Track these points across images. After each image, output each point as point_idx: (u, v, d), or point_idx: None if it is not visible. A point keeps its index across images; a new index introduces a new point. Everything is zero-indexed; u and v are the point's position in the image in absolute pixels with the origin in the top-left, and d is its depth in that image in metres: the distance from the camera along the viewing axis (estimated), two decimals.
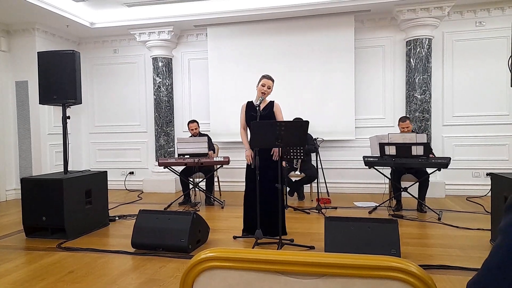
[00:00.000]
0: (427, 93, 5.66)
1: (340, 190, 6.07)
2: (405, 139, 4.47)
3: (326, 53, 6.04)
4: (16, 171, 6.29)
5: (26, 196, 3.89)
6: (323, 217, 3.85)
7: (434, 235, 3.76)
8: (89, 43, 7.16)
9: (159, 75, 6.64)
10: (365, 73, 6.10)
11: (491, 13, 5.67)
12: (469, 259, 3.04)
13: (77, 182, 3.99)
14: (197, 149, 5.22)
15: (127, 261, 3.18)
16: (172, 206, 5.19)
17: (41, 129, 6.23)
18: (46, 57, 4.08)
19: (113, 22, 6.33)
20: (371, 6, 5.62)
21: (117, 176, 7.03)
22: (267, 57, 6.19)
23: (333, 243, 3.00)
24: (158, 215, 3.50)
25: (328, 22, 5.99)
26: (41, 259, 3.23)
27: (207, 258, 0.88)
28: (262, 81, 3.71)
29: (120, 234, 4.00)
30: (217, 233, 3.93)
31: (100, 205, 4.33)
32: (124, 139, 7.12)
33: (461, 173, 5.80)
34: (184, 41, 6.80)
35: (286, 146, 4.45)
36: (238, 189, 6.20)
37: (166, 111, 6.68)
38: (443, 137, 5.90)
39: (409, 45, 5.74)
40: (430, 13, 5.45)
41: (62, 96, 4.04)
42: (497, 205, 3.31)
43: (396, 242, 2.92)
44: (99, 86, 7.21)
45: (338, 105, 6.02)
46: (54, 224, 3.82)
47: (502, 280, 0.59)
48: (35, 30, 6.09)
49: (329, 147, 6.09)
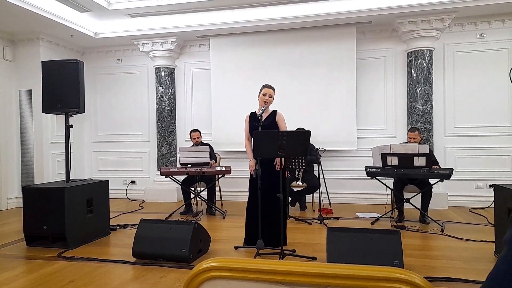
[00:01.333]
0: (428, 104, 5.66)
1: (342, 201, 6.04)
2: (407, 149, 4.46)
3: (328, 64, 6.07)
4: (18, 180, 6.30)
5: (27, 204, 3.88)
6: (325, 228, 3.83)
7: (437, 247, 3.73)
8: (92, 53, 7.23)
9: (161, 85, 6.68)
10: (367, 83, 6.12)
11: (492, 25, 5.71)
12: (473, 271, 3.00)
13: (79, 191, 3.99)
14: (199, 158, 5.22)
15: (127, 270, 3.16)
16: (173, 216, 5.17)
17: (43, 137, 6.25)
18: (50, 66, 4.12)
19: (116, 33, 6.39)
20: (372, 18, 5.67)
21: (119, 185, 7.02)
22: (269, 68, 6.23)
23: (335, 254, 2.97)
24: (159, 224, 3.49)
25: (330, 33, 6.04)
26: (41, 268, 3.21)
27: (209, 268, 0.87)
28: (263, 91, 3.73)
29: (121, 244, 3.98)
30: (218, 243, 3.90)
31: (102, 214, 4.31)
32: (126, 148, 7.13)
33: (464, 184, 5.77)
34: (187, 51, 6.86)
35: (288, 156, 4.45)
36: (240, 198, 6.18)
37: (168, 120, 6.70)
38: (445, 148, 5.89)
39: (410, 56, 5.77)
40: (431, 25, 5.49)
41: (65, 105, 4.06)
42: (500, 216, 3.28)
43: (399, 253, 2.90)
44: (102, 95, 7.26)
45: (340, 115, 6.03)
46: (55, 233, 3.80)
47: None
48: (39, 40, 6.16)
49: (331, 157, 6.09)
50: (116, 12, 5.76)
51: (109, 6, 5.60)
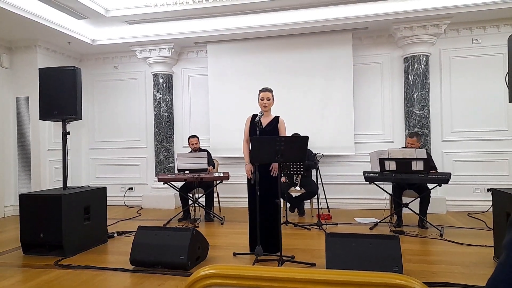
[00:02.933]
0: (425, 109, 5.69)
1: (341, 206, 6.03)
2: (405, 154, 4.47)
3: (325, 69, 6.10)
4: (15, 187, 6.26)
5: (24, 212, 3.85)
6: (324, 234, 3.81)
7: (436, 252, 3.72)
8: (90, 60, 7.23)
9: (159, 91, 6.68)
10: (364, 89, 6.15)
11: (487, 31, 5.76)
12: (473, 276, 2.99)
13: (76, 198, 3.96)
14: (196, 165, 5.20)
15: (125, 278, 3.13)
16: (171, 222, 5.14)
17: (41, 145, 6.23)
18: (48, 73, 4.11)
19: (114, 39, 6.41)
20: (368, 24, 5.71)
21: (117, 192, 6.99)
22: (267, 74, 6.25)
23: (334, 259, 2.96)
24: (157, 231, 3.47)
25: (327, 39, 6.07)
26: (38, 277, 3.18)
27: (207, 275, 0.87)
28: (261, 95, 3.74)
29: (118, 251, 3.95)
30: (216, 249, 3.88)
31: (99, 221, 4.28)
32: (124, 155, 7.11)
33: (462, 189, 5.78)
34: (185, 57, 6.88)
35: (286, 161, 4.44)
36: (238, 205, 6.16)
37: (166, 126, 6.70)
38: (443, 152, 5.90)
39: (406, 61, 5.81)
40: (427, 30, 5.53)
41: (63, 112, 4.05)
42: (499, 221, 3.28)
43: (398, 258, 2.88)
44: (99, 102, 7.25)
45: (337, 120, 6.04)
46: (52, 241, 3.77)
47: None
48: (36, 47, 6.16)
49: (329, 162, 6.09)
50: (114, 19, 5.78)
51: (106, 13, 5.62)
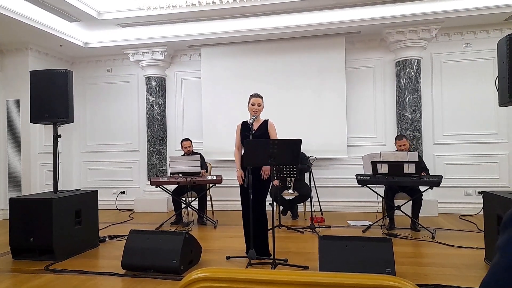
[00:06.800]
0: (417, 112, 5.74)
1: (334, 209, 6.04)
2: (397, 157, 4.50)
3: (318, 73, 6.13)
4: (5, 191, 6.16)
5: (14, 216, 3.80)
6: (317, 236, 3.81)
7: (428, 254, 3.74)
8: (82, 63, 7.18)
9: (152, 94, 6.65)
10: (357, 92, 6.19)
11: (477, 35, 5.84)
12: (464, 278, 3.01)
13: (67, 202, 3.92)
14: (189, 168, 5.18)
15: (116, 283, 3.10)
16: (163, 226, 5.11)
17: (31, 148, 6.15)
18: (39, 76, 4.08)
19: (106, 42, 6.37)
20: (360, 28, 5.76)
21: (108, 196, 6.92)
22: (260, 77, 6.26)
23: (327, 262, 2.96)
24: (149, 235, 3.44)
25: (320, 43, 6.10)
26: (28, 282, 3.13)
27: (199, 279, 0.86)
28: (251, 100, 3.74)
29: (110, 255, 3.91)
30: (209, 253, 3.86)
31: (90, 225, 4.24)
32: (116, 158, 7.06)
33: (453, 191, 5.83)
34: (178, 60, 6.86)
35: (279, 164, 4.45)
36: (231, 208, 6.14)
37: (158, 129, 6.66)
38: (434, 155, 5.95)
39: (398, 65, 5.86)
40: (418, 35, 5.59)
41: (54, 115, 4.01)
42: (490, 223, 3.31)
43: (390, 261, 2.90)
44: (92, 105, 7.20)
45: (330, 124, 6.07)
46: (42, 245, 3.72)
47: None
48: (28, 50, 6.10)
49: (322, 165, 6.10)
50: (106, 22, 5.75)
51: (99, 16, 5.59)
